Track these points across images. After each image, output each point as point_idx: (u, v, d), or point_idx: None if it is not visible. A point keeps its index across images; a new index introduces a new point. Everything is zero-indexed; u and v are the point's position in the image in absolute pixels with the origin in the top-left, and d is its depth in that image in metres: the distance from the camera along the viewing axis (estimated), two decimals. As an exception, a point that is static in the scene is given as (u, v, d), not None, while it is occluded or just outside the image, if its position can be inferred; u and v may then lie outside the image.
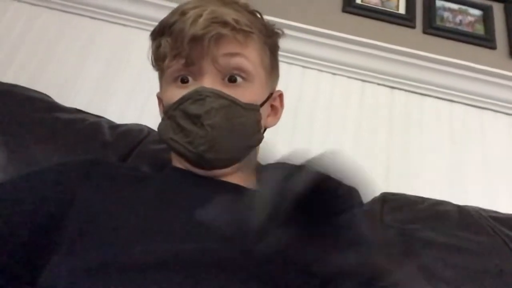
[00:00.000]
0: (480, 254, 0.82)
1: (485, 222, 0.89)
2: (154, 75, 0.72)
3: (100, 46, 1.27)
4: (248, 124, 0.62)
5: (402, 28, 1.41)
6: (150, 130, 0.96)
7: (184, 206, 0.56)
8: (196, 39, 0.61)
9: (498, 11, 1.50)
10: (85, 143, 0.87)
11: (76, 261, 0.49)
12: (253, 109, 0.64)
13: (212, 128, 0.58)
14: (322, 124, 1.23)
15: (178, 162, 0.67)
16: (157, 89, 0.73)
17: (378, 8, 1.43)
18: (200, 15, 0.61)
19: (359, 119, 1.25)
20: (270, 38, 0.71)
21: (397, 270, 0.40)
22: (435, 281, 0.77)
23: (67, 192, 0.58)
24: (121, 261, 0.48)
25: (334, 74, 1.30)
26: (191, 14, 0.62)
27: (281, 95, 0.76)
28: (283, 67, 0.80)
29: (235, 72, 0.63)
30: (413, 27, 1.42)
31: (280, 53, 0.76)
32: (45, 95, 1.01)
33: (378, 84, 1.31)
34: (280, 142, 1.18)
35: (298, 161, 0.38)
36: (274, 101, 0.74)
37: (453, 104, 1.31)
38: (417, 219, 0.88)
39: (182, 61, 0.62)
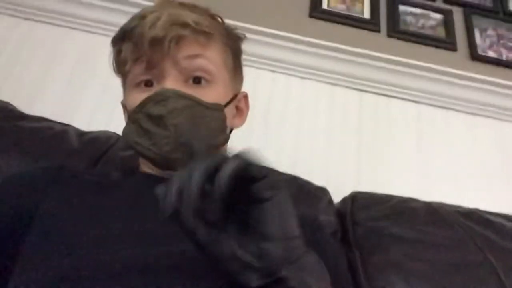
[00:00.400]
0: (447, 247, 0.85)
1: (450, 217, 0.92)
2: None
3: (65, 53, 1.25)
4: (212, 124, 0.62)
5: (367, 32, 1.45)
6: (118, 136, 0.95)
7: (151, 211, 0.56)
8: (156, 42, 0.60)
9: (457, 14, 1.56)
10: (51, 151, 0.84)
11: (42, 271, 0.48)
12: (217, 109, 0.63)
13: (175, 128, 0.58)
14: (293, 127, 1.24)
15: (145, 167, 0.66)
16: (125, 95, 0.72)
17: (344, 13, 1.46)
18: (159, 18, 0.61)
19: (329, 121, 1.27)
20: (231, 41, 0.71)
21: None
22: (404, 275, 0.79)
23: (29, 203, 0.56)
24: (89, 269, 0.47)
25: (303, 78, 1.32)
26: (151, 17, 0.62)
27: (246, 97, 0.76)
28: (252, 72, 0.80)
29: (198, 73, 0.63)
30: (378, 31, 1.46)
31: (248, 58, 0.77)
32: (8, 103, 0.98)
33: (347, 87, 1.33)
34: (252, 146, 1.19)
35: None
36: (239, 102, 0.74)
37: (419, 104, 1.35)
38: (386, 216, 0.90)
39: (143, 64, 0.62)
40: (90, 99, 1.19)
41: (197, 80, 0.63)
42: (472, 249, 0.85)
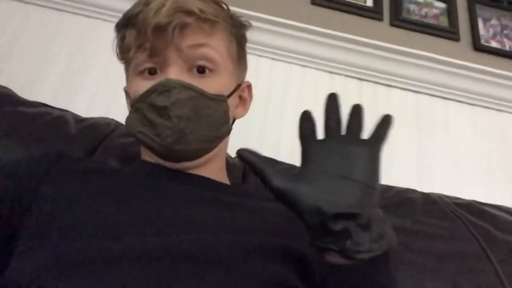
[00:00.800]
0: (443, 238, 0.85)
1: (448, 208, 0.93)
2: (121, 67, 0.71)
3: (65, 38, 1.24)
4: (216, 115, 0.62)
5: (370, 21, 1.43)
6: (117, 123, 0.94)
7: (152, 200, 0.56)
8: (159, 29, 0.60)
9: (461, 4, 1.54)
10: (49, 137, 0.84)
11: (40, 256, 0.48)
12: (221, 100, 0.63)
13: (179, 120, 0.58)
14: (293, 115, 1.23)
15: (147, 156, 0.66)
16: (125, 82, 0.72)
17: (347, 1, 1.44)
18: (164, 4, 0.60)
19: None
20: (236, 29, 0.70)
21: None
22: (401, 265, 0.79)
23: (28, 189, 0.56)
24: (87, 255, 0.47)
25: (303, 66, 1.32)
26: (155, 3, 0.61)
27: (249, 86, 0.76)
28: (252, 60, 0.79)
29: (202, 62, 0.62)
30: (381, 19, 1.44)
31: (249, 45, 0.76)
32: (6, 88, 0.97)
33: (347, 76, 1.33)
34: (251, 134, 1.19)
35: None
36: (242, 92, 0.73)
37: (419, 95, 1.34)
38: (384, 206, 0.89)
39: (147, 52, 0.61)
40: (89, 85, 1.19)
41: (200, 70, 0.63)
42: (469, 240, 0.85)
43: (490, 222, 0.90)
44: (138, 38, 0.62)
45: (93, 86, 1.18)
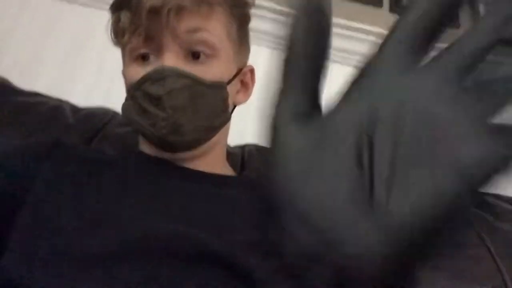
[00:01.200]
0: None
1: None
2: (119, 57, 0.69)
3: (62, 27, 1.23)
4: (213, 103, 0.60)
5: (369, 7, 1.42)
6: (115, 113, 0.94)
7: (146, 195, 0.55)
8: (154, 12, 0.57)
9: (462, -11, 1.52)
10: (46, 127, 0.83)
11: (32, 249, 0.48)
12: (219, 87, 0.61)
13: (173, 110, 0.56)
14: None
15: (144, 146, 0.65)
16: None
17: (346, -13, 1.42)
18: None
19: (327, 98, 1.26)
20: (237, 9, 0.66)
21: None
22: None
23: (24, 177, 0.55)
24: (77, 250, 0.47)
25: (303, 54, 1.30)
26: None
27: (252, 71, 0.73)
28: (251, 48, 0.78)
29: (199, 48, 0.60)
30: (380, 6, 1.43)
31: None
32: (3, 78, 0.96)
33: (346, 64, 1.31)
34: (250, 124, 1.18)
35: None
36: (244, 76, 0.70)
37: (419, 82, 1.34)
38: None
39: (141, 36, 0.59)
40: (87, 74, 1.17)
41: (196, 55, 0.60)
42: (467, 229, 0.85)
43: (489, 211, 0.90)
44: (132, 22, 0.59)
45: (91, 75, 1.17)
